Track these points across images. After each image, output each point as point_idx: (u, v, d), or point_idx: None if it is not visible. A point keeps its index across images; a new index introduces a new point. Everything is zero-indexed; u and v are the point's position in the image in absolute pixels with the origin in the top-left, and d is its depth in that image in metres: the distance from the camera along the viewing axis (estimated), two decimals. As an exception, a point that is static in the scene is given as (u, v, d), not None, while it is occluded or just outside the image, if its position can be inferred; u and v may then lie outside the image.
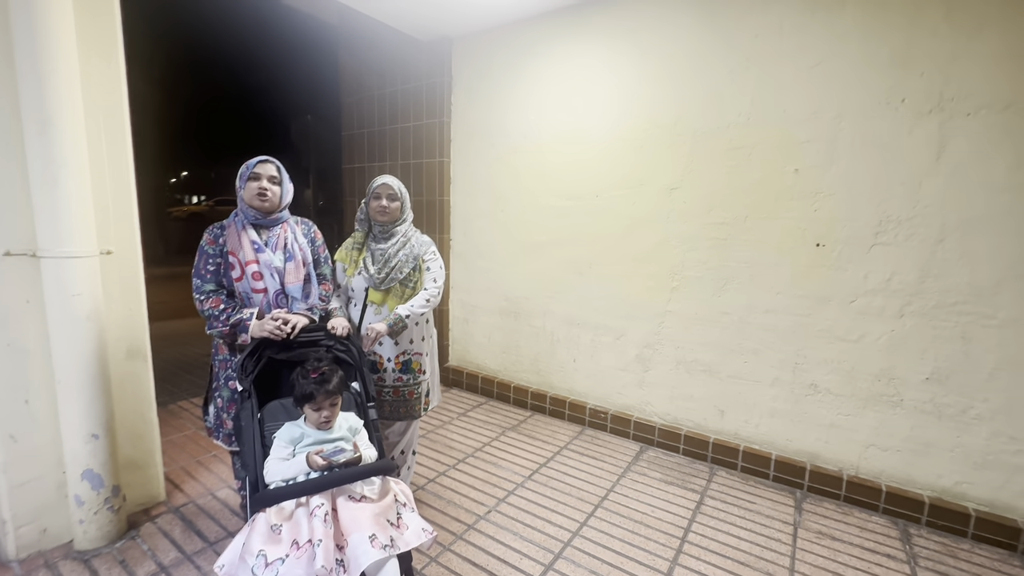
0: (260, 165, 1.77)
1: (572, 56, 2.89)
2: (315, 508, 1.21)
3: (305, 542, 1.15)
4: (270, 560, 1.12)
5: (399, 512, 1.33)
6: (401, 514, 1.33)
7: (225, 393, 1.81)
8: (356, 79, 4.00)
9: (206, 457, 2.58)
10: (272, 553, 1.13)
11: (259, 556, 1.13)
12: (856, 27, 2.12)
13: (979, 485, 2.06)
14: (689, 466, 2.62)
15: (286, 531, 1.20)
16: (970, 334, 2.02)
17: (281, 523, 1.22)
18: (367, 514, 1.25)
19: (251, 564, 1.11)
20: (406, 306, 1.89)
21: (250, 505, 1.26)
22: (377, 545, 1.18)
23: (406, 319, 1.88)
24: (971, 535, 2.04)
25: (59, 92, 1.64)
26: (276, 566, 1.11)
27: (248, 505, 1.31)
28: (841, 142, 2.20)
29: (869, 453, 2.27)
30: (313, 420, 1.43)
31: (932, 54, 2.00)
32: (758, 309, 2.48)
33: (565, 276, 3.12)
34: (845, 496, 2.30)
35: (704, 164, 2.54)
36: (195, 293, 1.72)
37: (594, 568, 1.82)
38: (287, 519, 1.23)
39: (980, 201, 1.96)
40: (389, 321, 1.85)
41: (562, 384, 3.23)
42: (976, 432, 2.05)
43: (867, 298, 2.21)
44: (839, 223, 2.24)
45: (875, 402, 2.24)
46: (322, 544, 1.14)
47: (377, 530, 1.21)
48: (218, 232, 1.79)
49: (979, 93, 1.93)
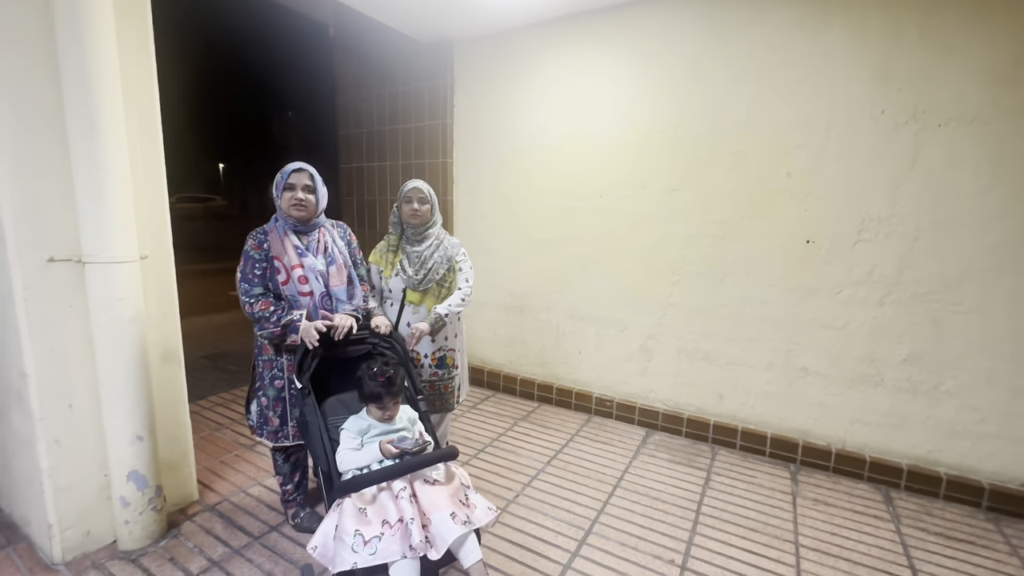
0: (295, 175, 1.84)
1: (578, 63, 3.04)
2: (399, 491, 1.32)
3: (396, 521, 1.26)
4: (367, 538, 1.22)
5: (466, 493, 1.45)
6: (468, 495, 1.45)
7: (271, 392, 1.88)
8: (354, 78, 4.02)
9: (229, 457, 2.61)
10: (367, 532, 1.24)
11: (356, 535, 1.23)
12: (841, 44, 2.35)
13: (948, 452, 2.35)
14: (693, 447, 2.83)
15: (372, 513, 1.30)
16: (940, 320, 2.29)
17: (365, 506, 1.32)
18: (444, 495, 1.36)
19: (349, 543, 1.21)
20: (444, 305, 2.00)
21: (334, 492, 1.36)
22: (458, 522, 1.30)
23: (445, 318, 1.98)
24: (943, 495, 2.33)
25: (104, 95, 1.66)
26: (374, 543, 1.22)
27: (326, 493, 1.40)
28: (829, 148, 2.43)
29: (854, 428, 2.54)
30: (378, 416, 1.53)
31: (908, 71, 2.24)
32: (754, 301, 2.70)
33: (570, 272, 3.27)
34: (834, 467, 2.56)
35: (703, 167, 2.74)
36: (243, 296, 1.78)
37: (623, 540, 1.99)
38: (370, 503, 1.33)
39: (949, 203, 2.23)
40: (430, 320, 1.95)
41: (568, 375, 3.39)
42: (946, 406, 2.33)
43: (852, 289, 2.46)
44: (827, 221, 2.48)
45: (859, 382, 2.50)
46: (415, 522, 1.25)
47: (455, 509, 1.33)
48: (262, 237, 1.84)
49: (948, 107, 2.19)
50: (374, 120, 3.94)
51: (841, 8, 2.33)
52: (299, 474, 2.06)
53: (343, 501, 1.32)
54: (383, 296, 2.13)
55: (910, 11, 2.21)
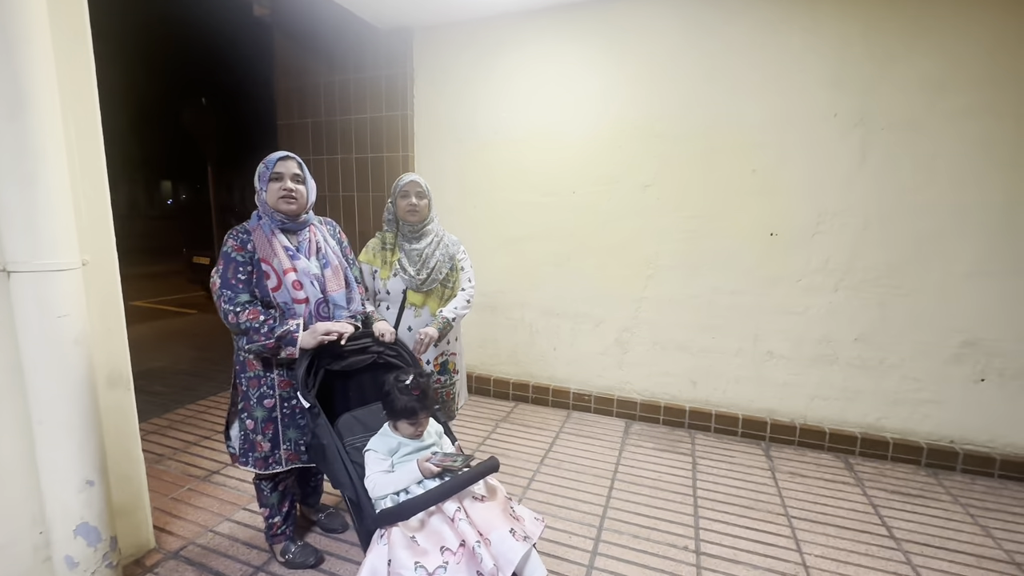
0: (281, 163, 1.63)
1: (548, 56, 3.01)
2: (454, 513, 1.20)
3: (458, 547, 1.14)
4: (431, 569, 1.10)
5: (512, 506, 1.37)
6: (514, 507, 1.37)
7: (259, 413, 1.65)
8: (296, 63, 3.66)
9: (181, 493, 2.26)
10: (429, 563, 1.11)
11: (418, 569, 1.09)
12: (801, 51, 2.55)
13: (893, 418, 2.66)
14: (672, 434, 2.94)
15: (424, 540, 1.17)
16: (886, 302, 2.58)
17: (413, 534, 1.19)
18: (497, 512, 1.26)
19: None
20: (450, 308, 1.88)
21: (377, 521, 1.20)
22: (518, 538, 1.21)
23: (452, 322, 1.86)
24: (890, 457, 2.63)
25: (34, 65, 1.34)
26: (440, 574, 1.09)
27: (358, 524, 1.24)
28: (789, 147, 2.63)
29: (814, 404, 2.78)
30: (408, 432, 1.39)
31: (856, 79, 2.48)
32: (723, 291, 2.86)
33: (543, 269, 3.25)
34: (798, 441, 2.79)
35: (676, 163, 2.84)
36: (226, 305, 1.54)
37: (635, 533, 2.01)
38: (418, 529, 1.20)
39: (892, 198, 2.50)
40: (438, 325, 1.82)
41: (543, 372, 3.37)
42: (890, 377, 2.63)
43: (810, 277, 2.69)
44: (789, 215, 2.68)
45: (817, 362, 2.74)
46: (481, 544, 1.14)
47: (512, 524, 1.24)
48: (244, 237, 1.61)
49: (890, 112, 2.45)
50: (322, 110, 3.63)
51: (799, 18, 2.52)
52: (288, 504, 1.83)
53: (389, 531, 1.18)
54: (376, 299, 1.95)
55: (858, 25, 2.44)
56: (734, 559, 1.87)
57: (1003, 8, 2.24)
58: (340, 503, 2.19)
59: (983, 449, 2.52)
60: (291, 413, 1.67)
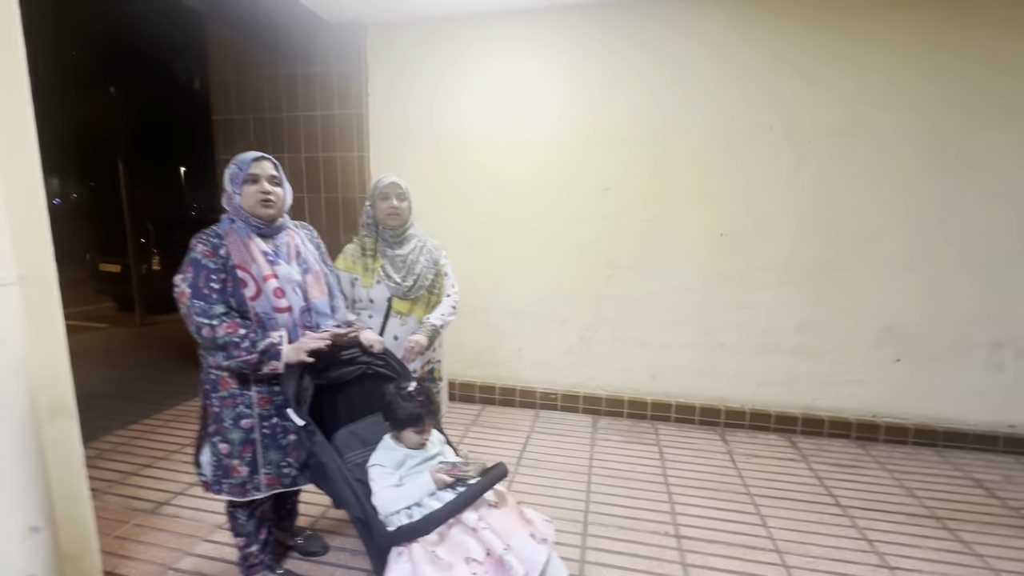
0: (256, 164, 1.53)
1: (510, 59, 3.02)
2: (476, 523, 1.19)
3: (485, 556, 1.13)
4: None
5: (521, 509, 1.37)
6: (523, 510, 1.37)
7: (235, 435, 1.53)
8: (233, 54, 3.39)
9: (127, 529, 2.03)
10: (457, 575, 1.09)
11: (448, 584, 1.07)
12: (741, 67, 2.77)
13: (826, 399, 2.97)
14: (637, 426, 3.08)
15: (446, 553, 1.15)
16: (821, 295, 2.87)
17: (433, 548, 1.16)
18: (513, 517, 1.27)
19: (443, 594, 1.05)
20: (437, 315, 1.84)
21: (396, 537, 1.16)
22: (539, 541, 1.22)
23: (440, 328, 1.83)
24: (826, 433, 2.94)
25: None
26: (471, 587, 1.07)
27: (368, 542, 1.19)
28: (736, 155, 2.85)
29: (761, 389, 3.04)
30: (414, 442, 1.35)
31: (788, 95, 2.74)
32: (679, 288, 3.04)
33: (507, 271, 3.27)
34: (749, 425, 3.03)
35: (633, 168, 2.98)
36: (199, 318, 1.40)
37: (620, 524, 2.09)
38: (438, 543, 1.17)
39: (823, 203, 2.79)
40: (427, 333, 1.78)
41: (508, 374, 3.39)
42: (825, 363, 2.93)
43: (756, 274, 2.93)
44: (736, 217, 2.91)
45: (763, 351, 3.00)
46: (509, 552, 1.13)
47: (530, 529, 1.25)
48: (216, 242, 1.48)
49: (818, 126, 2.74)
50: (265, 105, 3.39)
51: (739, 36, 2.74)
52: (265, 531, 1.70)
53: (409, 547, 1.14)
54: (355, 307, 1.86)
55: (789, 48, 2.70)
56: (711, 539, 2.00)
57: (904, 37, 2.58)
58: (317, 524, 2.08)
59: (899, 421, 2.89)
60: (272, 433, 1.56)
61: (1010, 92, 2.53)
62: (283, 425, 1.57)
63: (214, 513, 2.13)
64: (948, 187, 2.66)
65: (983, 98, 2.56)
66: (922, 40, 2.57)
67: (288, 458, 1.58)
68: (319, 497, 2.24)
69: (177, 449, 2.72)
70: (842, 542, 1.98)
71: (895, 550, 1.94)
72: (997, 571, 1.83)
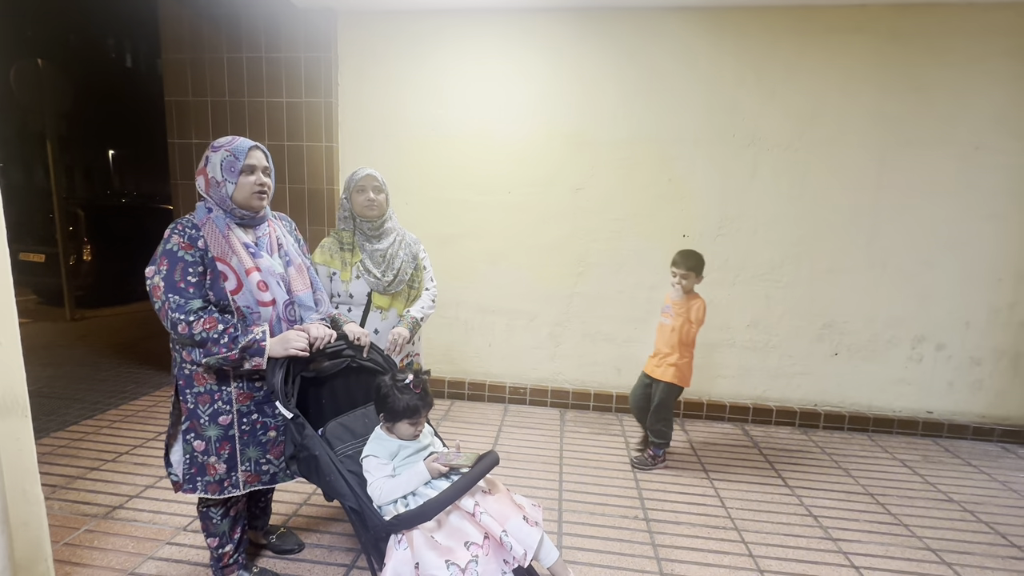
0: (253, 153, 1.48)
1: (486, 57, 3.05)
2: (473, 508, 1.22)
3: (483, 540, 1.17)
4: (463, 566, 1.10)
5: (512, 495, 1.42)
6: (513, 496, 1.42)
7: (212, 431, 1.48)
8: (189, 33, 3.21)
9: (79, 535, 1.90)
10: (459, 559, 1.11)
11: (450, 566, 1.09)
12: (704, 78, 2.94)
13: (774, 390, 3.21)
14: (602, 418, 3.20)
15: (445, 538, 1.17)
16: (769, 294, 3.10)
17: (432, 534, 1.18)
18: (506, 502, 1.31)
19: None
20: (417, 308, 1.85)
21: (396, 526, 1.17)
22: (531, 523, 1.27)
23: (421, 321, 1.83)
24: (774, 422, 3.18)
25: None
26: (472, 569, 1.10)
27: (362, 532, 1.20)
28: (697, 161, 3.02)
29: (716, 382, 3.24)
30: (408, 433, 1.36)
31: (748, 106, 2.94)
32: (644, 286, 3.19)
33: (478, 267, 3.29)
34: (706, 415, 3.22)
35: (603, 169, 3.09)
36: (175, 313, 1.35)
37: (591, 511, 2.18)
38: (436, 529, 1.19)
39: (773, 207, 3.02)
40: (409, 326, 1.78)
41: (478, 369, 3.42)
42: (772, 356, 3.17)
43: (714, 273, 3.11)
44: (697, 219, 3.08)
45: (719, 346, 3.20)
46: (507, 534, 1.17)
47: (522, 512, 1.30)
48: (192, 233, 1.42)
49: (773, 136, 2.95)
50: (225, 88, 3.23)
51: (706, 51, 2.91)
52: (240, 530, 1.65)
53: (409, 535, 1.15)
54: (333, 301, 1.84)
55: (751, 61, 2.89)
56: (676, 520, 2.13)
57: (850, 62, 2.84)
58: (291, 522, 2.03)
59: (836, 409, 3.17)
60: (251, 430, 1.52)
61: (934, 115, 2.84)
62: (263, 421, 1.53)
63: (176, 515, 2.03)
64: (880, 199, 2.95)
65: (911, 119, 2.86)
66: (865, 64, 2.83)
67: (268, 455, 1.54)
68: (291, 495, 2.20)
69: (128, 450, 2.56)
70: (792, 519, 2.17)
71: (837, 524, 2.15)
72: (922, 539, 2.06)
